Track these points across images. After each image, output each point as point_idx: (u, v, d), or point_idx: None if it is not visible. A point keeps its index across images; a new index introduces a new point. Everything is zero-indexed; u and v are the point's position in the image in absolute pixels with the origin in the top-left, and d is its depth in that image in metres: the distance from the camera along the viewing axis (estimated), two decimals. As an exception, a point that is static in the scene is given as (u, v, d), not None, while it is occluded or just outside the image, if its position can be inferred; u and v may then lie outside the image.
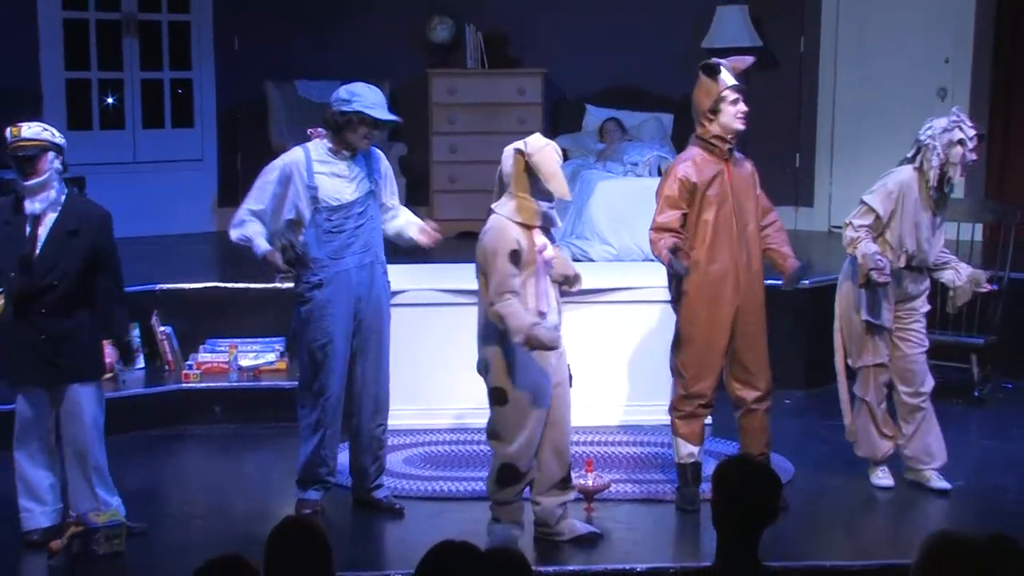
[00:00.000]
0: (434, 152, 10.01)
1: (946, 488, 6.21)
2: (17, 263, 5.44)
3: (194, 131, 10.28)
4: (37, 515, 5.63)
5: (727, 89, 5.83)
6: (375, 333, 5.90)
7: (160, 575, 5.46)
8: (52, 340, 5.49)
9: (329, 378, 5.82)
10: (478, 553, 3.64)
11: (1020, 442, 7.20)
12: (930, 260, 6.19)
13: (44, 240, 5.48)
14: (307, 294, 5.78)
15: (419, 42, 10.27)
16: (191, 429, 7.31)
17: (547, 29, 10.33)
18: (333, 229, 5.77)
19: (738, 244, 5.88)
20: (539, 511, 5.64)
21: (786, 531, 5.72)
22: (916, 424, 6.23)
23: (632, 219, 8.50)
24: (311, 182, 5.75)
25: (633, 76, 10.39)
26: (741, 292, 5.90)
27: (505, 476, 5.48)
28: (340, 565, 4.15)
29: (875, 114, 10.06)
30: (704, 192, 5.83)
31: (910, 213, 6.07)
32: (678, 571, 5.27)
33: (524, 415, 5.40)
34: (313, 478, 5.91)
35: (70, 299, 5.52)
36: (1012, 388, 8.14)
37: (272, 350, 7.67)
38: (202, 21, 10.21)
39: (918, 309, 6.24)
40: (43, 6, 9.51)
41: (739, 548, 3.96)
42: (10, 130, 5.50)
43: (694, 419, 6.02)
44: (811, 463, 6.64)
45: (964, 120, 6.02)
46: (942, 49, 9.97)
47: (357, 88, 5.80)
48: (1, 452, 6.64)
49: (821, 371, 7.85)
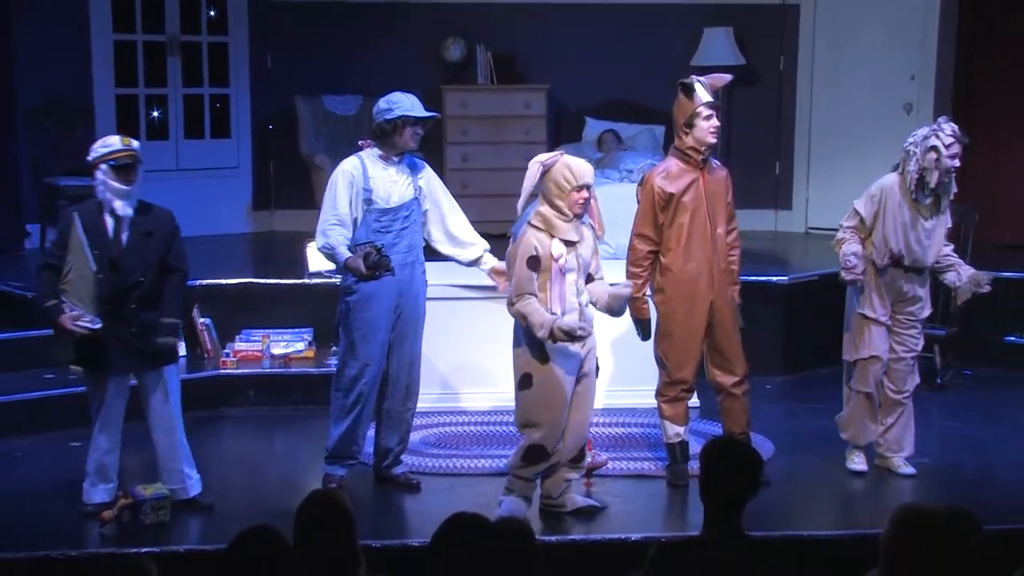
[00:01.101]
0: (448, 160, 10.00)
1: (911, 473, 6.17)
2: (107, 264, 5.45)
3: (231, 141, 10.29)
4: (100, 491, 5.66)
5: (701, 105, 5.81)
6: (411, 326, 5.89)
7: (200, 542, 5.45)
8: (142, 332, 5.51)
9: (367, 365, 5.82)
10: (488, 523, 3.65)
11: (977, 424, 7.20)
12: (927, 261, 6.05)
13: (127, 242, 5.50)
14: (354, 286, 5.77)
15: (434, 60, 10.26)
16: (228, 411, 7.32)
17: (550, 49, 10.32)
18: (381, 229, 5.76)
19: (711, 245, 5.88)
20: (546, 484, 5.64)
21: (766, 504, 5.71)
22: (895, 417, 6.17)
23: (627, 221, 8.31)
24: (367, 184, 5.75)
25: (628, 91, 10.37)
26: (714, 288, 5.89)
27: (533, 455, 5.47)
28: (364, 534, 4.16)
29: (847, 126, 10.05)
30: (680, 199, 5.83)
31: (893, 215, 5.99)
32: (668, 540, 5.27)
33: (550, 397, 5.40)
34: (343, 455, 5.91)
35: (152, 292, 5.55)
36: (971, 375, 8.13)
37: (301, 339, 7.67)
38: (238, 42, 10.22)
39: (916, 315, 6.12)
40: (96, 29, 9.52)
41: (724, 519, 3.96)
42: (122, 139, 5.54)
43: (678, 402, 6.03)
44: (789, 442, 6.64)
45: (943, 129, 5.93)
46: (908, 67, 9.96)
47: (394, 96, 5.84)
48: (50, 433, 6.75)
49: (798, 358, 7.90)
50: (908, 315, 6.11)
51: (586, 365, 5.51)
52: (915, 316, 6.13)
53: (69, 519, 5.63)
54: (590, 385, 5.56)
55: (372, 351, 5.82)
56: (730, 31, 10.08)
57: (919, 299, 6.12)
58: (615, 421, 7.06)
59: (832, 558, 5.20)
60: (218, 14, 10.16)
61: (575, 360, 5.45)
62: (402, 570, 4.38)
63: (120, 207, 5.46)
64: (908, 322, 6.12)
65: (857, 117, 9.98)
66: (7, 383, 7.03)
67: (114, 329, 5.49)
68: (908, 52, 9.94)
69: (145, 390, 5.64)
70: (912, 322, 6.12)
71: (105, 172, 5.45)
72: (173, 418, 5.68)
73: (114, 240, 5.48)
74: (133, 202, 5.51)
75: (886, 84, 9.97)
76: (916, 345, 6.16)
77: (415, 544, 5.24)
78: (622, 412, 7.17)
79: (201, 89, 10.16)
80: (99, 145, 5.53)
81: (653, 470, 6.22)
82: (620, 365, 7.28)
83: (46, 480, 6.17)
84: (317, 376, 7.30)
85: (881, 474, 6.22)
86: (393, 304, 5.82)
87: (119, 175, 5.46)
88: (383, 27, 10.24)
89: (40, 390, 7.00)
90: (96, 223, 5.49)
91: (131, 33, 9.79)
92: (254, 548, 3.57)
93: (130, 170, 5.48)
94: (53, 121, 9.23)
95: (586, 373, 5.52)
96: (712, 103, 5.84)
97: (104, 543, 5.31)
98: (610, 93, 10.41)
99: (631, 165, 9.29)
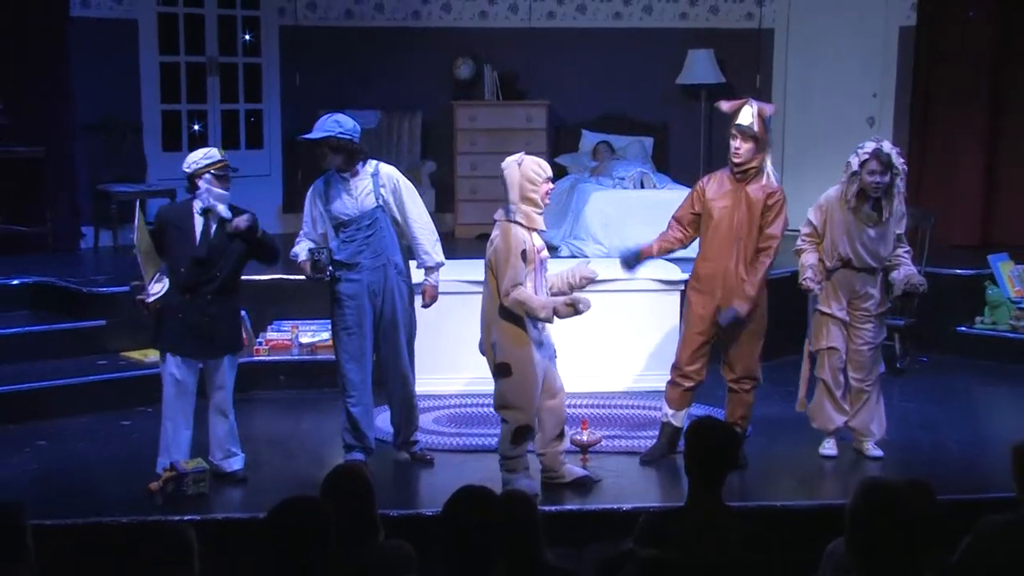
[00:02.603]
0: (458, 168, 9.99)
1: (879, 456, 6.08)
2: (190, 260, 5.48)
3: (263, 151, 10.28)
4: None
5: (732, 128, 5.74)
6: (391, 324, 5.82)
7: (236, 510, 5.47)
8: (213, 321, 5.54)
9: (349, 360, 5.78)
10: (492, 494, 3.64)
11: (932, 405, 7.20)
12: (876, 264, 5.95)
13: (213, 239, 5.53)
14: (334, 289, 5.77)
15: (446, 79, 10.25)
16: (260, 394, 7.30)
17: (550, 68, 10.30)
18: (347, 239, 5.73)
19: (728, 252, 5.76)
20: (545, 460, 5.63)
21: (745, 478, 5.74)
22: (860, 404, 6.10)
23: (619, 223, 8.49)
24: (325, 201, 5.75)
25: (620, 106, 10.36)
26: (725, 293, 5.77)
27: (520, 435, 5.46)
28: (384, 504, 4.17)
29: (817, 138, 10.03)
30: (713, 203, 5.76)
31: (838, 223, 5.92)
32: (656, 510, 5.27)
33: (528, 383, 5.39)
34: (356, 445, 5.86)
35: (226, 288, 5.58)
36: (927, 361, 8.11)
37: (327, 329, 7.58)
38: (270, 63, 10.21)
39: (871, 311, 6.00)
40: (144, 52, 9.51)
41: (706, 492, 3.97)
42: (220, 151, 5.61)
43: (674, 386, 5.98)
44: (766, 423, 6.61)
45: (865, 147, 5.81)
46: (871, 85, 9.97)
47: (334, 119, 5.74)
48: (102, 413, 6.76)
49: (775, 347, 7.85)
50: (863, 311, 6.03)
51: (549, 350, 5.51)
52: (870, 312, 6.02)
53: (119, 490, 5.64)
54: (554, 368, 5.55)
55: (353, 346, 5.76)
56: (711, 52, 10.07)
57: (871, 296, 6.01)
58: (609, 403, 7.04)
59: (803, 526, 5.18)
60: (252, 38, 10.18)
61: (547, 348, 5.45)
62: (417, 536, 4.37)
63: (223, 210, 5.52)
64: (864, 317, 6.03)
65: (825, 129, 9.97)
66: (64, 368, 7.03)
67: (188, 316, 5.51)
68: (871, 72, 9.94)
69: (208, 374, 5.65)
70: (867, 317, 6.03)
71: (209, 180, 5.51)
72: (228, 402, 5.69)
73: (201, 239, 5.51)
74: (226, 207, 5.56)
75: (851, 100, 9.97)
76: (873, 338, 6.06)
77: (428, 514, 5.24)
78: (617, 395, 7.16)
79: (237, 105, 10.16)
80: (201, 157, 5.55)
81: (643, 448, 6.20)
82: (612, 352, 7.28)
83: (99, 455, 6.18)
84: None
85: (850, 452, 6.19)
86: (368, 304, 5.75)
87: (221, 182, 5.54)
88: (400, 49, 10.23)
89: (94, 375, 7.01)
90: (185, 222, 5.54)
91: (175, 55, 9.79)
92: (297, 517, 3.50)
93: (226, 178, 5.57)
94: (106, 134, 9.23)
95: (551, 358, 5.52)
96: (740, 126, 5.67)
97: (150, 511, 5.31)
98: (604, 108, 10.39)
99: (623, 172, 9.28)
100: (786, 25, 10.26)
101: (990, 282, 8.22)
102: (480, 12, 10.39)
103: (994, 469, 5.66)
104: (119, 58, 9.35)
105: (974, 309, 8.25)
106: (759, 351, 5.91)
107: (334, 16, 10.27)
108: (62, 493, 5.62)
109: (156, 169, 9.50)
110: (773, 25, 10.29)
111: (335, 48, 10.18)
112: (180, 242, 5.53)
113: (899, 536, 3.42)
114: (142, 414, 6.74)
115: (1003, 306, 8.14)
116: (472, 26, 10.37)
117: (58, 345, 7.24)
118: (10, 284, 7.71)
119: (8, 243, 8.58)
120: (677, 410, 5.99)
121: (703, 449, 3.97)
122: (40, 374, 6.89)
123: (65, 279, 7.76)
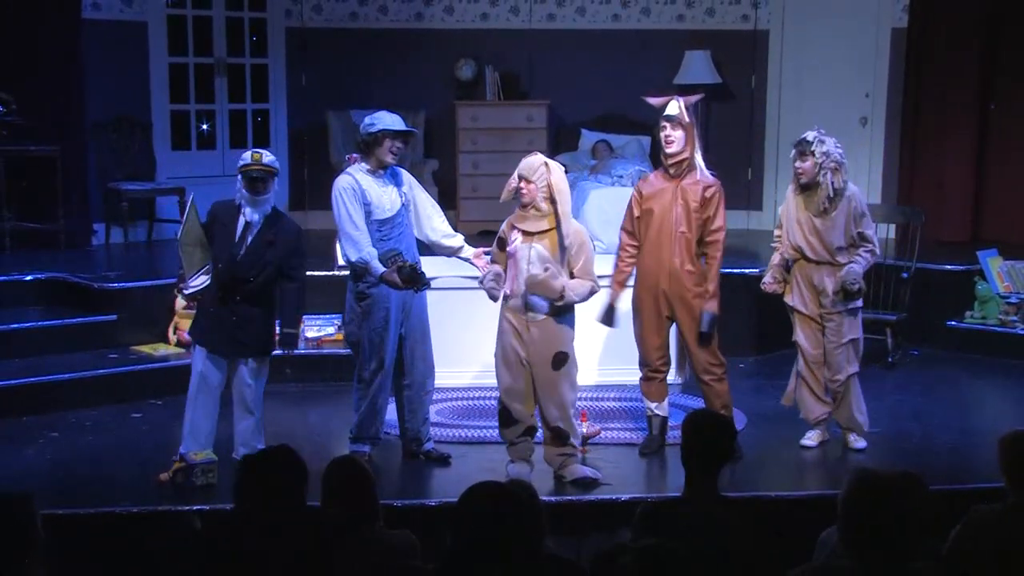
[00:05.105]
0: (460, 167, 9.99)
1: (861, 448, 6.05)
2: (226, 258, 5.45)
3: (270, 150, 10.20)
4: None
5: (661, 119, 5.76)
6: (418, 320, 5.81)
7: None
8: (240, 322, 5.50)
9: (384, 358, 5.73)
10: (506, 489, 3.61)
11: (922, 397, 7.20)
12: (826, 255, 5.88)
13: (249, 245, 5.48)
14: (367, 291, 5.66)
15: (448, 79, 10.25)
16: (268, 387, 7.26)
17: (550, 69, 10.30)
18: (383, 238, 5.64)
19: (668, 246, 5.76)
20: (545, 459, 5.64)
21: (740, 468, 5.74)
22: (838, 400, 6.07)
23: (618, 220, 8.32)
24: (365, 198, 5.63)
25: (619, 106, 10.34)
26: (671, 285, 5.77)
27: (501, 418, 5.55)
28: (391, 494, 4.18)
29: (811, 137, 10.02)
30: (651, 200, 5.79)
31: (791, 213, 5.95)
32: (654, 500, 5.27)
33: (497, 365, 5.51)
34: (365, 436, 5.84)
35: (259, 292, 5.53)
36: (918, 354, 8.11)
37: (332, 324, 7.64)
38: (277, 63, 10.21)
39: (829, 307, 5.91)
40: (153, 53, 9.50)
41: (701, 482, 3.97)
42: (252, 155, 5.51)
43: (648, 381, 6.00)
44: (760, 415, 6.63)
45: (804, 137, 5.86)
46: (863, 86, 9.95)
47: (378, 114, 5.71)
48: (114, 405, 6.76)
49: (768, 341, 7.87)
50: (829, 311, 5.95)
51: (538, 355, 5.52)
52: (834, 308, 5.93)
53: (130, 479, 5.65)
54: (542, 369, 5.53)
55: (386, 349, 5.72)
56: (708, 53, 10.06)
57: (828, 293, 5.93)
58: (608, 396, 7.04)
59: (796, 516, 5.19)
60: (259, 39, 10.17)
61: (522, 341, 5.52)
62: (420, 525, 4.38)
63: (248, 213, 5.46)
64: (828, 315, 5.95)
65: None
66: (77, 362, 7.05)
67: (219, 315, 5.49)
68: (863, 72, 9.94)
69: (237, 372, 5.63)
70: (829, 314, 5.94)
71: (240, 182, 5.47)
72: (256, 400, 5.67)
73: (239, 240, 5.47)
74: (264, 210, 5.49)
75: (844, 100, 9.95)
76: (838, 339, 5.94)
77: (432, 504, 5.26)
78: (614, 388, 7.15)
79: (244, 105, 10.15)
80: (241, 157, 5.53)
81: (640, 439, 6.21)
82: (610, 346, 7.27)
83: (111, 446, 6.19)
84: (345, 356, 7.26)
85: (839, 444, 6.19)
86: (400, 303, 5.70)
87: (249, 186, 5.46)
88: (404, 50, 10.23)
89: (105, 368, 7.03)
90: (231, 220, 5.51)
91: (184, 56, 9.78)
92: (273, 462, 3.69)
93: (258, 182, 5.46)
94: (116, 133, 9.23)
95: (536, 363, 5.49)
96: (668, 116, 5.71)
97: (160, 501, 5.32)
98: (603, 108, 10.38)
99: (621, 171, 9.28)
100: (781, 27, 10.25)
101: (979, 277, 8.21)
102: (482, 14, 10.38)
103: (983, 460, 5.66)
104: (129, 59, 9.34)
105: (964, 304, 8.24)
106: (715, 340, 5.86)
107: (339, 18, 10.27)
108: (74, 483, 5.63)
109: (165, 168, 9.50)
110: (768, 27, 10.28)
111: (340, 49, 10.17)
112: (223, 239, 5.50)
113: (890, 525, 3.42)
114: (152, 406, 6.77)
115: (992, 301, 8.14)
116: (474, 28, 10.36)
117: (70, 339, 7.25)
118: (23, 280, 7.72)
119: (21, 240, 8.60)
120: (659, 401, 6.02)
121: (699, 441, 3.98)
122: (53, 368, 6.90)
123: (77, 275, 7.76)
